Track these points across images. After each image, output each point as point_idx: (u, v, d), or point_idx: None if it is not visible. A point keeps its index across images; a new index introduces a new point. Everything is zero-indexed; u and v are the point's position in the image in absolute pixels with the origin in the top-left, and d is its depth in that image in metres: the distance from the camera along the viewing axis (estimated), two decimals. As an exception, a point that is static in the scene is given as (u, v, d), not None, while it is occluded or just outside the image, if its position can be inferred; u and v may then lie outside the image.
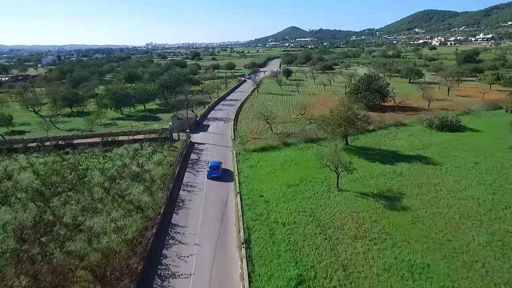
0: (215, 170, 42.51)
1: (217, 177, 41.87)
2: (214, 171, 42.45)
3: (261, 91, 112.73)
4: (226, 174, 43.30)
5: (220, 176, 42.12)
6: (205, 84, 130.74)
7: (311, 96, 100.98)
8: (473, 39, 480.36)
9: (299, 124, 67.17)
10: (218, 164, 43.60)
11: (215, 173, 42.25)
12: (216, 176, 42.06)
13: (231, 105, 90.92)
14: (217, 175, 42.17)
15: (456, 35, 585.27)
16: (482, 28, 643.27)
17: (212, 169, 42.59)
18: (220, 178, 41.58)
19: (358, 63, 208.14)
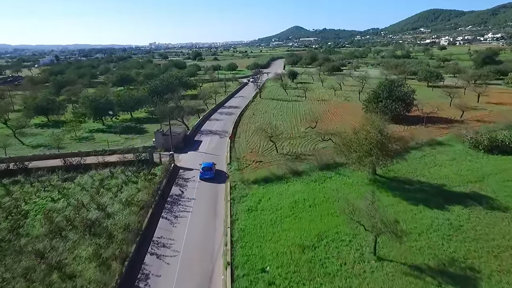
0: (208, 172, 41.37)
1: (209, 179, 40.77)
2: (206, 172, 41.32)
3: (264, 96, 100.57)
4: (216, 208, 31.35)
5: (212, 177, 41.02)
6: (203, 87, 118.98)
7: (321, 102, 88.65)
8: (481, 39, 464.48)
9: (309, 141, 55.00)
10: (211, 166, 42.36)
11: (208, 175, 41.10)
12: (208, 177, 40.90)
13: (230, 113, 78.84)
14: (210, 176, 41.07)
15: (463, 34, 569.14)
16: (490, 27, 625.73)
17: (205, 170, 41.47)
18: (206, 241, 29.36)
19: (366, 64, 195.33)
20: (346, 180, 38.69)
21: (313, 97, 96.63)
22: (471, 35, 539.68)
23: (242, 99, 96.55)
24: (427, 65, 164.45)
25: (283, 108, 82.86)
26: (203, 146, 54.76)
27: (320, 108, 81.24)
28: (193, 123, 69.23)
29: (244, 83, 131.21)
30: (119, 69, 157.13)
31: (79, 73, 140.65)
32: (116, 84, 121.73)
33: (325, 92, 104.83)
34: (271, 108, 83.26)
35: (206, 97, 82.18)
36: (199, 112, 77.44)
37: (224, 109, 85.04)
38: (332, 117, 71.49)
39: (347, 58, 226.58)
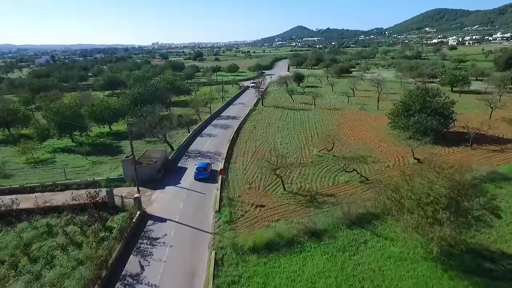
0: (202, 172, 40.09)
1: (204, 179, 39.43)
2: (201, 172, 40.05)
3: (267, 103, 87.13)
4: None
5: (207, 178, 39.65)
6: (199, 92, 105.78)
7: (333, 112, 75.14)
8: (490, 38, 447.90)
9: (326, 170, 41.66)
10: (205, 166, 41.03)
11: (202, 175, 39.79)
12: (203, 178, 39.56)
13: (226, 126, 65.58)
14: (204, 176, 39.72)
15: (470, 34, 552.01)
16: (497, 27, 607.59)
17: (199, 170, 40.26)
18: None
19: (376, 65, 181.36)
20: (390, 250, 25.30)
21: (323, 104, 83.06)
22: (479, 34, 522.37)
23: (242, 108, 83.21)
24: (442, 67, 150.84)
25: (289, 119, 69.46)
26: (187, 178, 41.43)
27: (333, 119, 67.81)
28: (181, 140, 56.09)
29: (246, 87, 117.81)
30: (111, 71, 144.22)
31: (67, 75, 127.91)
32: (103, 88, 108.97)
33: (337, 98, 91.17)
34: (275, 119, 69.90)
35: (199, 106, 68.84)
36: (189, 124, 64.31)
37: (220, 120, 71.73)
38: (350, 133, 58.00)
39: (355, 59, 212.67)
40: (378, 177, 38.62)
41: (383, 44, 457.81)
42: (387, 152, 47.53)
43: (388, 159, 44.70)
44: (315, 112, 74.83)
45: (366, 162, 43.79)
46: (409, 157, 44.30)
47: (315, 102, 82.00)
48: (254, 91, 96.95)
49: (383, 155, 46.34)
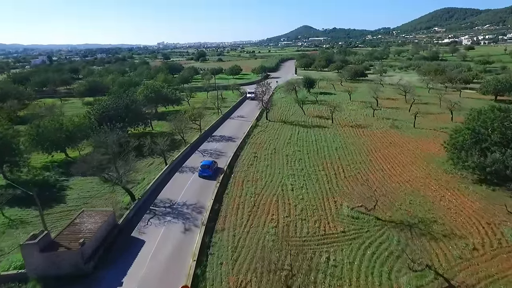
0: (206, 170, 39.92)
1: (208, 176, 39.17)
2: (205, 170, 39.90)
3: (273, 116, 70.02)
4: None
5: (211, 175, 39.31)
6: (194, 100, 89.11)
7: (357, 131, 57.79)
8: (505, 38, 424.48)
9: (370, 254, 24.65)
10: (210, 164, 40.93)
11: (206, 173, 39.80)
12: (207, 175, 39.49)
13: (218, 154, 48.52)
14: (208, 174, 39.63)
15: (481, 33, 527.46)
16: (509, 26, 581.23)
17: (204, 168, 40.19)
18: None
19: (392, 67, 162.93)
20: None
21: (342, 119, 65.72)
22: (491, 34, 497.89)
23: (241, 123, 66.12)
24: (468, 69, 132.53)
25: (301, 141, 52.31)
26: (140, 267, 24.49)
27: (360, 143, 50.57)
28: (150, 179, 39.42)
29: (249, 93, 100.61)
30: (99, 74, 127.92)
31: (47, 79, 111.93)
32: (83, 94, 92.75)
33: (358, 110, 73.61)
34: (282, 141, 52.82)
35: (183, 125, 51.73)
36: (170, 150, 47.64)
37: (212, 142, 54.60)
38: (389, 168, 40.77)
39: (367, 60, 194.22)
40: (468, 279, 21.53)
41: (393, 44, 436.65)
42: (458, 211, 30.28)
43: (467, 229, 27.46)
44: (334, 131, 57.57)
45: (433, 236, 26.63)
46: (502, 225, 27.10)
47: (332, 115, 64.55)
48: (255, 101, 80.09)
49: (455, 218, 29.11)
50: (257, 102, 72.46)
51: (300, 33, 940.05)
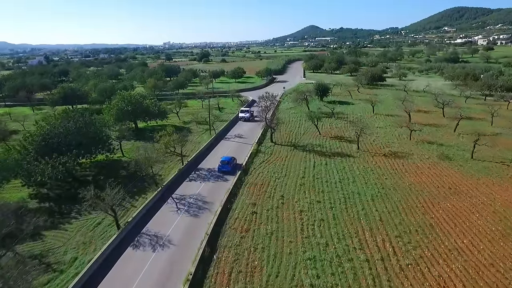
0: (226, 165, 39.59)
1: (227, 172, 38.84)
2: (225, 165, 39.61)
3: (279, 136, 54.11)
4: None
5: (229, 171, 39.03)
6: (185, 111, 74.07)
7: (394, 163, 41.71)
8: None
9: None
10: (230, 160, 40.43)
11: (225, 168, 39.43)
12: (226, 170, 39.23)
13: (200, 206, 32.73)
14: (227, 169, 39.28)
15: (494, 33, 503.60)
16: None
17: (223, 164, 39.83)
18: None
19: (410, 69, 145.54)
20: None
21: (370, 142, 49.60)
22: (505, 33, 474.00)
23: (238, 147, 50.19)
24: (500, 73, 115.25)
25: (319, 183, 36.45)
26: None
27: (405, 188, 34.56)
28: (85, 260, 24.10)
29: (250, 102, 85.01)
30: (86, 77, 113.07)
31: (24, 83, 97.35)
32: (56, 103, 77.96)
33: (387, 129, 57.23)
34: (293, 181, 37.08)
35: (151, 162, 35.99)
36: (130, 196, 32.36)
37: (193, 182, 38.38)
38: (468, 248, 24.86)
39: (380, 61, 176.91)
40: None
41: (403, 44, 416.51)
42: None
43: None
44: (363, 163, 41.64)
45: None
46: None
47: (358, 138, 48.40)
48: (256, 113, 64.33)
49: None
50: (258, 115, 56.28)
51: (306, 33, 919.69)
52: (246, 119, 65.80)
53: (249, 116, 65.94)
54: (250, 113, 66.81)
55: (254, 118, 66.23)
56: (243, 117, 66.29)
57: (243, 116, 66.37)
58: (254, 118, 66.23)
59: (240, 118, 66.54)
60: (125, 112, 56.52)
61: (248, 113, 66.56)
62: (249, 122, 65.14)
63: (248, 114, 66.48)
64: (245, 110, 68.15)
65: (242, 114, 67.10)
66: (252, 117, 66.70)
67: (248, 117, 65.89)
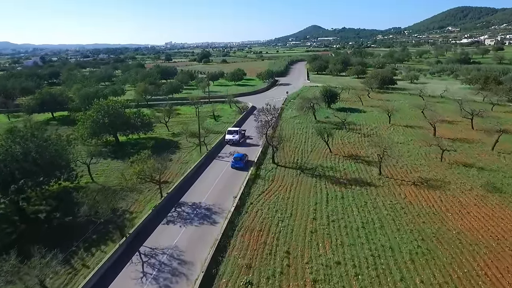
0: (239, 161, 40.76)
1: (240, 168, 39.98)
2: (237, 162, 40.81)
3: (282, 156, 44.87)
4: None
5: (242, 167, 40.14)
6: (176, 121, 65.50)
7: (428, 196, 32.50)
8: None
9: None
10: (242, 156, 41.43)
11: (238, 164, 40.64)
12: (238, 166, 40.42)
13: (175, 268, 23.93)
14: (240, 165, 40.47)
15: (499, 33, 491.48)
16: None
17: (236, 160, 41.04)
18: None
19: (421, 71, 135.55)
20: None
21: (393, 165, 40.24)
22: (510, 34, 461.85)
23: (231, 173, 41.12)
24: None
25: (336, 229, 27.30)
26: None
27: (453, 239, 25.24)
28: None
29: (251, 109, 76.06)
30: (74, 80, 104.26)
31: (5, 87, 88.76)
32: (35, 110, 69.36)
33: (410, 145, 47.67)
34: (301, 226, 27.97)
35: (111, 205, 27.03)
36: (44, 281, 23.37)
37: (171, 227, 29.14)
38: None
39: (388, 62, 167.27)
40: None
41: (407, 44, 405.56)
42: None
43: None
44: (390, 197, 32.47)
45: None
46: None
47: (379, 158, 39.08)
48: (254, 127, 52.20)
49: None
50: (256, 128, 46.42)
51: (308, 33, 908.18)
52: (235, 142, 50.49)
53: (238, 138, 50.97)
54: (240, 134, 52.13)
55: (246, 139, 53.61)
56: (230, 139, 50.84)
57: (230, 139, 50.82)
58: (246, 139, 53.61)
59: (227, 141, 50.99)
60: (101, 125, 47.64)
61: (238, 134, 51.31)
62: (239, 146, 50.15)
63: (238, 135, 51.17)
64: (233, 130, 52.59)
65: (229, 136, 51.34)
66: (243, 139, 53.04)
67: (237, 139, 50.80)
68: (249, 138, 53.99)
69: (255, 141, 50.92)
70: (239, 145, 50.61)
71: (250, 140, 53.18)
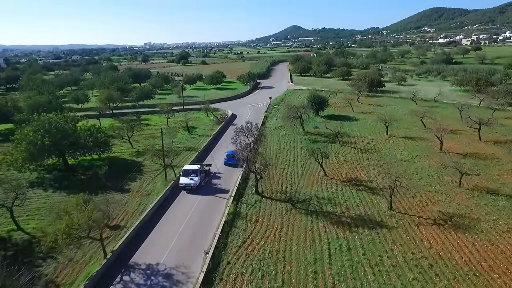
0: (231, 159, 39.89)
1: (233, 165, 39.19)
2: (230, 159, 40.36)
3: (267, 183, 36.30)
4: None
5: (235, 164, 38.23)
6: (145, 134, 56.01)
7: (459, 245, 24.66)
8: (500, 38, 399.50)
9: None
10: (233, 153, 38.25)
11: (231, 161, 39.91)
12: (231, 163, 39.75)
13: None
14: (233, 162, 39.51)
15: (472, 33, 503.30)
16: (498, 26, 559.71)
17: (229, 157, 40.76)
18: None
19: (406, 72, 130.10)
20: None
21: (405, 195, 32.14)
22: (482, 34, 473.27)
23: (202, 210, 32.10)
24: (507, 76, 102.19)
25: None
26: None
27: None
28: None
29: (230, 117, 67.17)
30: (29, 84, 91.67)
31: None
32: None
33: (419, 165, 39.92)
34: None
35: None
36: None
37: None
38: None
39: (372, 63, 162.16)
40: None
41: (386, 44, 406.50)
42: None
43: None
44: (412, 248, 24.45)
45: None
46: None
47: (392, 195, 31.19)
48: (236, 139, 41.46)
49: None
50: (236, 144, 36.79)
51: (289, 33, 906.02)
52: (192, 186, 34.55)
53: (196, 182, 34.64)
54: (201, 174, 35.91)
55: (212, 178, 38.19)
56: (187, 184, 34.66)
57: (187, 183, 34.63)
58: (212, 178, 38.19)
59: (182, 186, 34.85)
60: (40, 147, 37.56)
61: (197, 176, 35.02)
62: (200, 194, 34.44)
63: (196, 177, 34.86)
64: (191, 170, 35.67)
65: (185, 179, 34.95)
66: (206, 179, 37.29)
67: (195, 183, 34.58)
68: (216, 176, 39.05)
69: (224, 181, 37.27)
70: (200, 191, 34.70)
71: (218, 179, 38.22)
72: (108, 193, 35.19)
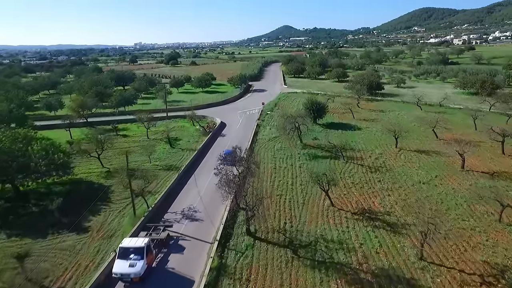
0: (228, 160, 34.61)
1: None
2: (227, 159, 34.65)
3: (263, 221, 28.71)
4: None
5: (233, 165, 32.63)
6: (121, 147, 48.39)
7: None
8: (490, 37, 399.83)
9: None
10: (230, 153, 34.50)
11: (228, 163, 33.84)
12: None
13: None
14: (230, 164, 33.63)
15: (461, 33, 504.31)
16: (487, 26, 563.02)
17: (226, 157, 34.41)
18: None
19: (403, 73, 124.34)
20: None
21: (437, 237, 25.36)
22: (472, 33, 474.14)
23: (179, 261, 24.75)
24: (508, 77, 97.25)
25: None
26: None
27: None
28: None
29: (220, 126, 59.71)
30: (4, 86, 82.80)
31: None
32: None
33: (442, 190, 33.06)
34: None
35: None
36: None
37: None
38: None
39: (367, 64, 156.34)
40: None
41: (378, 44, 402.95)
42: None
43: None
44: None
45: None
46: None
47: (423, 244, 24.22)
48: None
49: None
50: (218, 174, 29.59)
51: (281, 33, 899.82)
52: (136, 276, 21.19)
53: (142, 268, 21.40)
54: (148, 256, 22.24)
55: (174, 244, 25.53)
56: (124, 274, 21.32)
57: (124, 273, 21.29)
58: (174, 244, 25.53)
59: (116, 276, 21.43)
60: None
61: (142, 259, 21.74)
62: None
63: (140, 262, 21.56)
64: (132, 249, 22.15)
65: (121, 263, 21.60)
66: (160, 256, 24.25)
67: (140, 271, 21.25)
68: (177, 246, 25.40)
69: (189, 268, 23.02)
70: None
71: (181, 254, 24.61)
72: (60, 233, 27.67)
